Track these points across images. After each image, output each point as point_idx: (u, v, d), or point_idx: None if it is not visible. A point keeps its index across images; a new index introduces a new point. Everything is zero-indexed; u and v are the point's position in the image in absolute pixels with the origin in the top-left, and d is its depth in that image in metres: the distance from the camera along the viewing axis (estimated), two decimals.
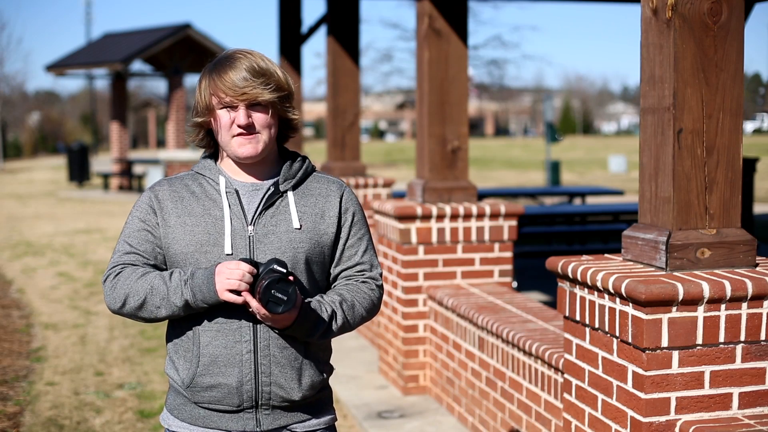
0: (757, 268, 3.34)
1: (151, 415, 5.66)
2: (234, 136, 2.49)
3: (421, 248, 5.82)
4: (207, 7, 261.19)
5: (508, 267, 5.94)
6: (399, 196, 9.91)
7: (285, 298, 2.33)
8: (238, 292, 2.38)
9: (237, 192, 2.54)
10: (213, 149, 2.62)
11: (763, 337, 3.20)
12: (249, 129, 2.48)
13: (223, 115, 2.48)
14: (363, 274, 2.64)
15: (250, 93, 2.44)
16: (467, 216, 5.83)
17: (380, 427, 5.34)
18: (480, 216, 5.84)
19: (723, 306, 3.15)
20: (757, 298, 3.18)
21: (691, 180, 3.29)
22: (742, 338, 3.18)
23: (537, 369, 4.36)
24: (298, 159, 2.62)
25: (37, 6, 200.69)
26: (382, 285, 2.67)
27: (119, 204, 20.57)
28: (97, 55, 25.20)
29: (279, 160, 2.61)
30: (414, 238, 5.80)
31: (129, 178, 24.62)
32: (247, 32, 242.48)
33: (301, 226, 2.53)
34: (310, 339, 2.52)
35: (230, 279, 2.37)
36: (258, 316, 2.42)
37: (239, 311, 2.47)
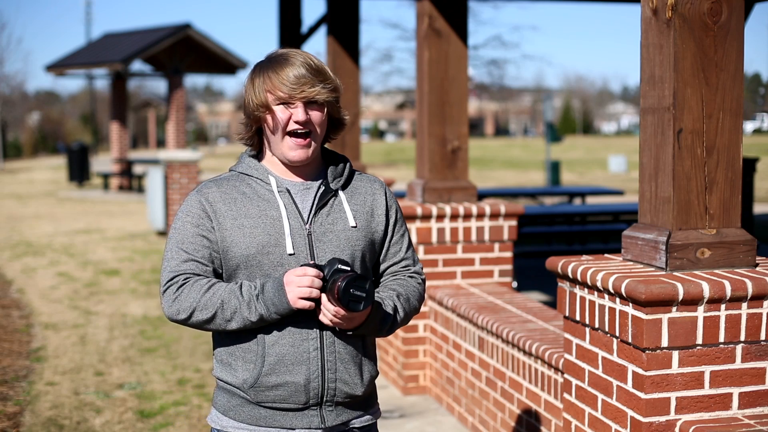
0: (757, 268, 3.34)
1: (151, 415, 5.66)
2: (288, 136, 2.49)
3: (421, 248, 5.82)
4: (207, 7, 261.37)
5: (508, 267, 5.94)
6: (399, 196, 9.89)
7: (364, 295, 2.34)
8: (310, 299, 2.40)
9: (289, 191, 2.54)
10: (258, 148, 2.62)
11: (763, 337, 3.20)
12: (306, 125, 2.48)
13: (280, 112, 2.47)
14: (408, 270, 2.70)
15: (309, 90, 2.45)
16: (467, 216, 5.83)
17: (380, 427, 5.34)
18: (480, 216, 5.84)
19: (723, 306, 3.15)
20: (757, 298, 3.18)
21: (691, 180, 3.29)
22: (742, 338, 3.18)
23: (537, 369, 4.36)
24: (341, 159, 2.65)
25: (37, 6, 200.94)
26: (425, 279, 2.74)
27: (119, 204, 20.57)
28: (97, 55, 25.20)
29: (321, 160, 2.62)
30: (414, 238, 5.80)
31: (129, 178, 24.63)
32: (247, 32, 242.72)
33: (356, 224, 2.56)
34: (378, 335, 2.56)
35: (301, 287, 2.38)
36: (329, 320, 2.43)
37: (304, 312, 2.47)
